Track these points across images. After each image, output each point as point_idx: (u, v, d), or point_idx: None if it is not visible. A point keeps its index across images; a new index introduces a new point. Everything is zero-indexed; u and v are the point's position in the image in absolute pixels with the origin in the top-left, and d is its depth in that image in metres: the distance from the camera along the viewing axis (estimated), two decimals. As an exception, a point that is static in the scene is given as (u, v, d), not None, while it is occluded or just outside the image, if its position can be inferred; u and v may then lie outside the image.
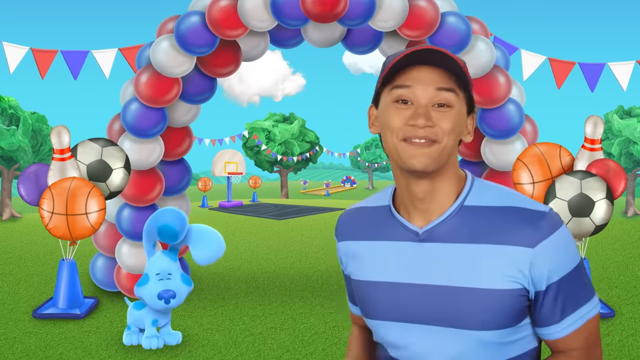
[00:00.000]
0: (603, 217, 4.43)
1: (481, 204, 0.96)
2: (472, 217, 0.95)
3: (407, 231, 1.00)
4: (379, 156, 41.00)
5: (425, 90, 0.91)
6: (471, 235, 0.94)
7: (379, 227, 1.04)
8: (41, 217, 4.69)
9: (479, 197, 0.98)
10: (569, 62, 5.61)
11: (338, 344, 4.28)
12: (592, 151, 4.61)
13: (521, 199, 0.96)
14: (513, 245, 0.90)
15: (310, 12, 4.47)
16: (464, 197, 0.98)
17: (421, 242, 0.97)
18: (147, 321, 3.99)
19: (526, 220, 0.91)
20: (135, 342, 4.10)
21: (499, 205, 0.95)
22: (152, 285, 3.77)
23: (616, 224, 9.75)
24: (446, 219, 0.96)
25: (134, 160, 5.13)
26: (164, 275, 3.80)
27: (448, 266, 0.94)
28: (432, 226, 0.97)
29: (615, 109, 20.76)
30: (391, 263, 1.00)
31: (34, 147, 13.87)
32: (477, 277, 0.92)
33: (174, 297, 3.77)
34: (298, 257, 7.75)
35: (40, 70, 5.54)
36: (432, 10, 4.63)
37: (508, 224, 0.92)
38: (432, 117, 0.91)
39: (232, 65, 5.37)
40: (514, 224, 0.92)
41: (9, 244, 8.63)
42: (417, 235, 0.98)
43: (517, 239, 0.90)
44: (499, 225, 0.93)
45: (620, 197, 18.83)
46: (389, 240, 1.02)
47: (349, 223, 1.12)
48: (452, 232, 0.95)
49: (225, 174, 16.18)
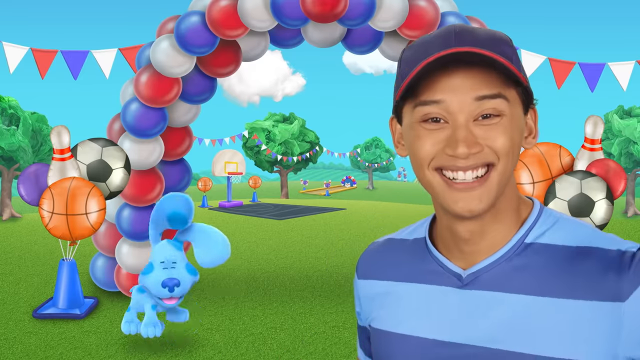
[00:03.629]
0: (603, 217, 4.43)
1: (549, 241, 0.72)
2: (536, 259, 0.71)
3: (447, 273, 0.77)
4: (379, 156, 41.01)
5: (462, 102, 0.67)
6: (533, 284, 0.70)
7: (412, 266, 0.83)
8: (41, 217, 4.69)
9: (547, 233, 0.73)
10: (569, 62, 5.62)
11: (338, 344, 4.28)
12: (592, 151, 4.61)
13: (605, 239, 0.70)
14: (592, 300, 0.66)
15: (310, 12, 4.47)
16: (525, 232, 0.73)
17: (463, 289, 0.75)
18: (147, 306, 3.93)
19: (611, 265, 0.66)
20: (134, 331, 4.04)
21: (575, 245, 0.70)
22: (156, 273, 3.75)
23: (616, 224, 9.76)
24: (499, 260, 0.73)
25: (134, 160, 5.13)
26: (169, 264, 3.78)
27: (498, 323, 0.71)
28: (480, 268, 0.74)
29: (615, 109, 20.77)
30: (424, 313, 0.78)
31: (34, 147, 13.87)
32: (538, 341, 0.68)
33: (178, 285, 3.74)
34: (298, 257, 7.75)
35: (40, 70, 5.54)
36: (432, 10, 4.63)
37: (586, 270, 0.68)
38: (476, 137, 0.67)
39: (232, 65, 5.37)
40: (594, 271, 0.67)
41: (9, 244, 8.63)
42: (459, 280, 0.76)
43: (600, 292, 0.66)
44: (573, 271, 0.68)
45: (620, 197, 18.83)
46: (424, 283, 0.80)
47: (375, 258, 0.90)
48: (506, 278, 0.72)
49: (225, 174, 16.18)
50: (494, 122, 0.67)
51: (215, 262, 3.81)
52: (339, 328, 4.63)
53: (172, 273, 3.76)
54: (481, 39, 0.67)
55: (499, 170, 0.68)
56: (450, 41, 0.67)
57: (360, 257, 0.94)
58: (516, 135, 0.69)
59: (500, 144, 0.67)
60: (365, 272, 0.90)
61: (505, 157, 0.68)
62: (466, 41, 0.66)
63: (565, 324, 0.67)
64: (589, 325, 0.65)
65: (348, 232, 10.25)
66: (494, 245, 0.74)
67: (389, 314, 0.83)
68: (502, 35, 0.70)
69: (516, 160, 0.70)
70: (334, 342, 4.32)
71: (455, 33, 0.68)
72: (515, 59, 0.69)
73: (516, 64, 0.68)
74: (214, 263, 3.82)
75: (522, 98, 0.70)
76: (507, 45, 0.68)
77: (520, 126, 0.71)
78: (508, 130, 0.68)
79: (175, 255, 3.82)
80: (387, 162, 41.63)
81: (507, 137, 0.68)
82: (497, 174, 0.68)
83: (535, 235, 0.73)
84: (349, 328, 4.63)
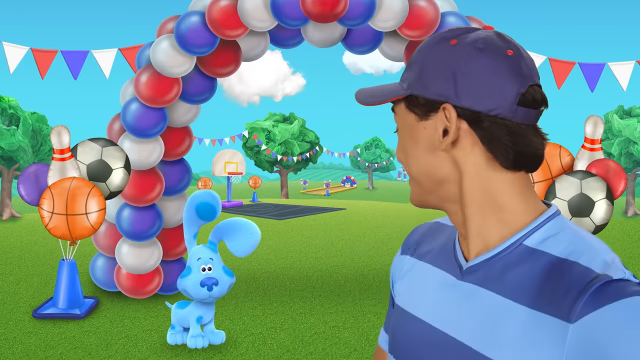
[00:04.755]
0: (603, 217, 4.43)
1: (545, 249, 0.71)
2: (525, 264, 0.71)
3: (454, 262, 0.80)
4: (379, 156, 41.03)
5: None
6: (513, 287, 0.69)
7: (439, 249, 0.86)
8: (41, 217, 4.69)
9: (548, 240, 0.71)
10: (569, 62, 5.62)
11: (338, 344, 4.28)
12: (592, 151, 4.61)
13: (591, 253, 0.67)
14: (551, 316, 0.64)
15: (310, 12, 4.47)
16: (524, 233, 0.72)
17: (460, 280, 0.77)
18: (192, 319, 4.02)
19: (577, 283, 0.64)
20: (180, 341, 4.12)
21: (561, 257, 0.68)
22: (194, 274, 3.84)
23: (616, 224, 9.76)
24: (495, 257, 0.74)
25: (134, 160, 5.13)
26: (206, 261, 3.87)
27: (476, 319, 0.71)
28: (477, 263, 0.75)
29: (615, 109, 20.78)
30: (428, 296, 0.81)
31: (34, 147, 13.87)
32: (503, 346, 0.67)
33: (216, 285, 3.83)
34: (298, 257, 7.75)
35: (40, 70, 5.54)
36: (432, 10, 4.63)
37: (557, 284, 0.66)
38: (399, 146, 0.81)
39: (232, 65, 5.37)
40: (562, 286, 0.65)
41: (9, 244, 8.63)
42: (460, 270, 0.78)
43: (560, 309, 0.64)
44: (547, 283, 0.67)
45: (620, 197, 18.83)
46: (436, 266, 0.83)
47: (418, 235, 0.94)
48: (496, 277, 0.72)
49: (225, 174, 16.18)
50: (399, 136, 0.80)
51: (249, 250, 3.94)
52: (339, 328, 4.63)
53: (210, 274, 3.86)
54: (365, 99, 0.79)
55: (412, 179, 0.80)
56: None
57: (407, 236, 0.99)
58: (408, 142, 0.78)
59: (397, 154, 0.81)
60: (406, 247, 0.95)
61: (405, 164, 0.79)
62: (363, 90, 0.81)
63: (525, 335, 0.66)
64: (548, 340, 0.63)
65: (348, 232, 10.25)
66: (491, 241, 0.75)
67: (405, 290, 0.87)
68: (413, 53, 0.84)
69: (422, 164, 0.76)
70: (334, 342, 4.32)
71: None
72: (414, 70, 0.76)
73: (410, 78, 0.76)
74: (249, 251, 3.94)
75: (410, 106, 0.76)
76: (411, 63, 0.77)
77: (412, 134, 0.77)
78: (400, 140, 0.80)
79: (212, 256, 3.92)
80: (387, 162, 41.65)
81: (399, 147, 0.80)
82: (412, 181, 0.80)
83: (535, 240, 0.72)
84: (349, 328, 4.64)
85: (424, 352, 0.78)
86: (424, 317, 0.80)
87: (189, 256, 3.93)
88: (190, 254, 3.92)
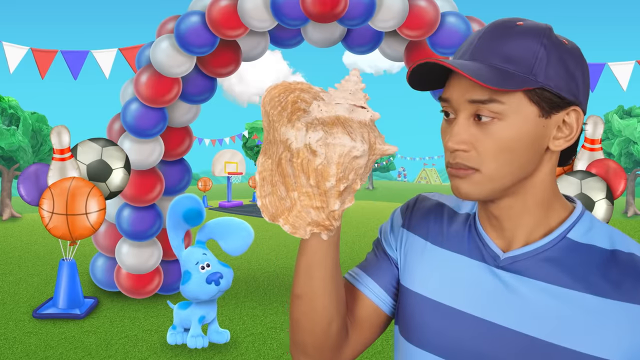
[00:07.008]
0: (603, 217, 4.43)
1: (588, 242, 0.74)
2: (573, 256, 0.73)
3: (486, 251, 0.79)
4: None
5: (459, 102, 0.71)
6: (570, 278, 0.71)
7: (457, 237, 0.84)
8: (41, 217, 4.69)
9: (588, 233, 0.75)
10: (569, 62, 5.61)
11: (338, 344, 4.28)
12: (592, 151, 4.61)
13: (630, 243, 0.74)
14: (621, 301, 0.68)
15: (310, 12, 4.47)
16: (567, 227, 0.75)
17: (500, 269, 0.76)
18: (194, 319, 4.00)
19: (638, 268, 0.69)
20: (180, 341, 4.11)
21: (610, 249, 0.72)
22: (196, 276, 3.78)
23: (616, 224, 9.76)
24: (537, 250, 0.74)
25: (134, 160, 5.13)
26: (202, 259, 3.83)
27: (542, 313, 0.71)
28: (518, 254, 0.75)
29: (615, 109, 20.77)
30: (460, 285, 0.79)
31: (34, 147, 13.87)
32: (567, 334, 0.69)
33: (222, 278, 3.78)
34: (298, 257, 7.75)
35: (40, 70, 5.54)
36: (432, 10, 4.63)
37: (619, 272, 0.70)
38: (470, 135, 0.70)
39: (232, 65, 5.37)
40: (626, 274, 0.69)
41: (9, 244, 8.63)
42: (495, 260, 0.77)
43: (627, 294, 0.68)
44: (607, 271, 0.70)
45: (620, 197, 18.83)
46: (465, 255, 0.81)
47: (426, 215, 0.90)
48: (544, 268, 0.73)
49: (225, 174, 16.18)
50: (487, 123, 0.69)
51: (243, 248, 3.89)
52: (339, 328, 4.63)
53: (211, 270, 3.82)
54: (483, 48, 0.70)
55: (484, 174, 0.71)
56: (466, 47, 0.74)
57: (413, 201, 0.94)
58: (514, 138, 0.69)
59: (485, 147, 0.70)
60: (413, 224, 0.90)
61: (491, 160, 0.70)
62: (467, 51, 0.72)
63: (595, 321, 0.68)
64: (616, 325, 0.67)
65: (348, 232, 10.25)
66: (531, 234, 0.76)
67: (424, 277, 0.84)
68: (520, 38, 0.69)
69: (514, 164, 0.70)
70: (334, 342, 4.31)
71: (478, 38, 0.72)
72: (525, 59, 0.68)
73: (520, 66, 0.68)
74: (243, 249, 3.89)
75: (537, 99, 0.69)
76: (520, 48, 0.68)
77: (527, 129, 0.69)
78: (500, 132, 0.69)
79: (205, 253, 3.89)
80: (387, 162, 41.64)
81: (495, 140, 0.69)
82: (482, 177, 0.71)
83: (578, 234, 0.74)
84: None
85: (471, 346, 0.76)
86: (462, 308, 0.78)
87: (183, 261, 3.85)
88: (183, 258, 3.85)
